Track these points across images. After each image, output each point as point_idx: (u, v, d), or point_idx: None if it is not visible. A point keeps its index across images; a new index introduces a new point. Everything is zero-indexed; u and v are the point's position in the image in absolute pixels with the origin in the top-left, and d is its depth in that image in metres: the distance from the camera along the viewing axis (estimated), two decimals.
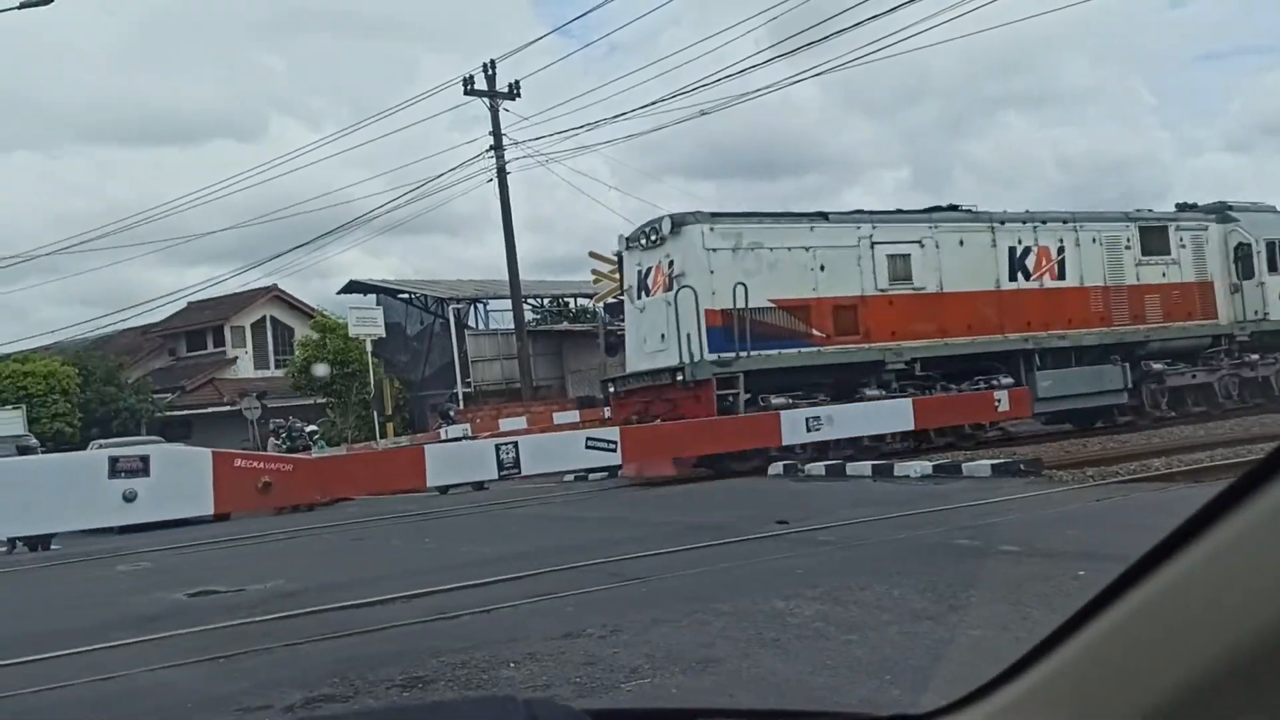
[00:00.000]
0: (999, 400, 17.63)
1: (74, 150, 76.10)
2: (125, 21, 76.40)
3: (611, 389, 17.46)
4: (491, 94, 26.72)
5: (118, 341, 40.61)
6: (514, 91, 26.93)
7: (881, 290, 17.05)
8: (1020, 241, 18.49)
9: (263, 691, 4.85)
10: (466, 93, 26.81)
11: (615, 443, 14.24)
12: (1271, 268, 20.86)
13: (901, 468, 13.47)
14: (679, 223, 16.03)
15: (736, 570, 7.51)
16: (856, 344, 16.68)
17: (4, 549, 16.41)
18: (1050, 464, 12.97)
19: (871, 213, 17.62)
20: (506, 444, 13.66)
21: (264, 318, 42.44)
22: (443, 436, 22.14)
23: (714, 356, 15.33)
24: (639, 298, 17.03)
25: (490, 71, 26.67)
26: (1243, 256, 20.68)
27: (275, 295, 41.75)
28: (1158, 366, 19.56)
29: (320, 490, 12.66)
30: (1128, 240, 19.61)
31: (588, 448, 14.14)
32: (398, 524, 12.72)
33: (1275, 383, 21.04)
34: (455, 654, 5.20)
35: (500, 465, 13.57)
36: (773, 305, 16.06)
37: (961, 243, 17.84)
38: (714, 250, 15.80)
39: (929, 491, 11.50)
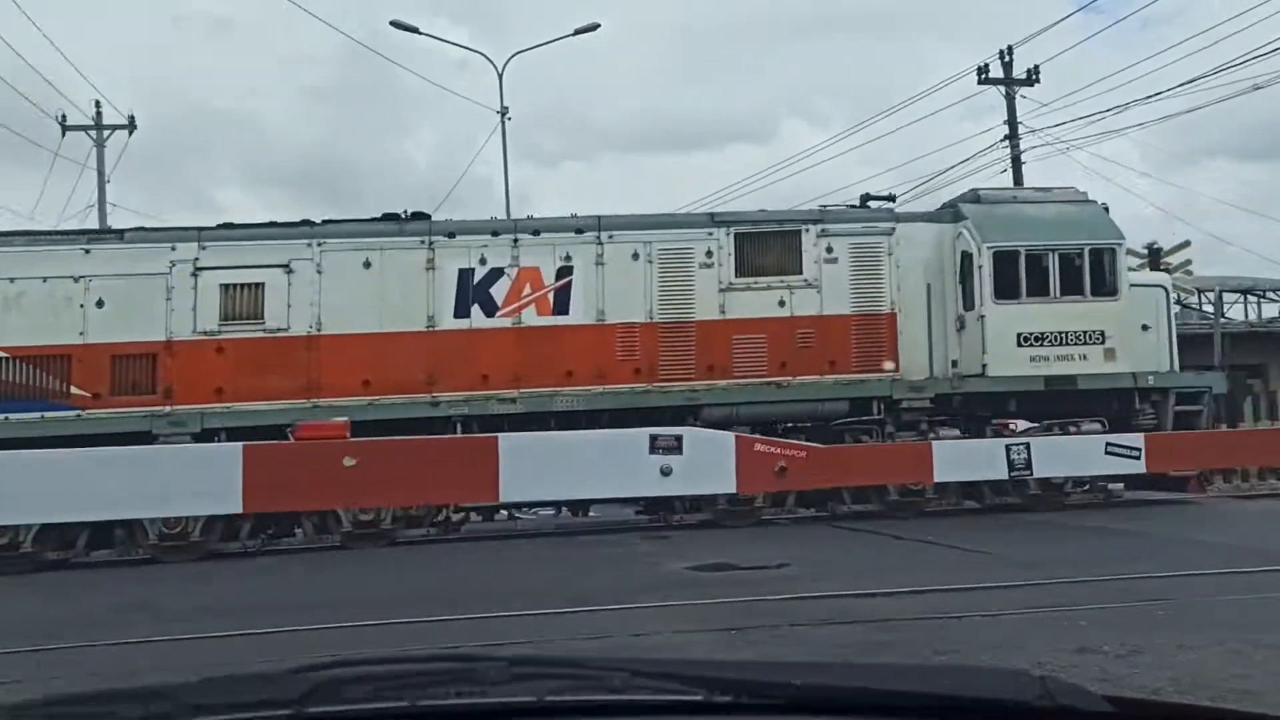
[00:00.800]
0: None
1: (610, 159, 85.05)
2: (657, 41, 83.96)
3: None
4: (1008, 81, 25.68)
5: None
6: (1033, 77, 25.66)
7: (206, 333, 12.84)
8: (483, 261, 13.36)
9: None
10: (981, 82, 25.99)
11: (1139, 449, 13.20)
12: (1004, 292, 13.39)
13: None
14: None
15: None
16: (150, 406, 12.54)
17: (553, 512, 18.79)
18: None
19: (201, 229, 13.20)
20: (1018, 445, 13.20)
21: None
22: None
23: None
24: None
25: (1007, 58, 25.65)
26: (965, 274, 13.75)
27: None
28: None
29: (827, 477, 13.11)
30: (708, 253, 13.63)
31: (1108, 453, 13.25)
32: (903, 521, 12.77)
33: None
34: (956, 654, 5.14)
35: (1011, 466, 13.17)
36: (3, 355, 12.56)
37: (368, 264, 13.14)
38: None
39: None
